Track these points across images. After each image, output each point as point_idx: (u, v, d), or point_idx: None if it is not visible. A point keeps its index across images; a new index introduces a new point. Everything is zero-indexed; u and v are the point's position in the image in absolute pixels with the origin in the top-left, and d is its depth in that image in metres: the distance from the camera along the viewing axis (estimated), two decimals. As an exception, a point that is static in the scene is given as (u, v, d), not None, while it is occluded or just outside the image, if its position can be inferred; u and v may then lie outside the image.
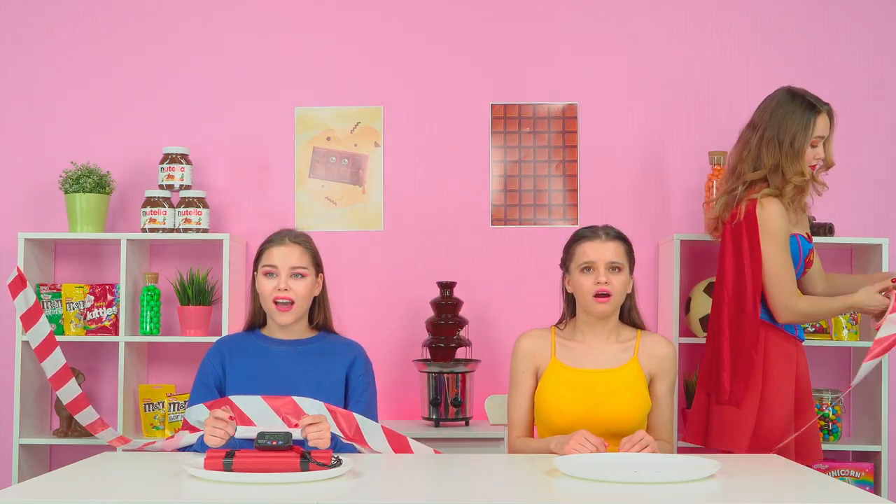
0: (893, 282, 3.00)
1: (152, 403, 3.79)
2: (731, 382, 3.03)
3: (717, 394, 3.06)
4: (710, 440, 3.10)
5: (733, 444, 2.99)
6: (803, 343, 3.14)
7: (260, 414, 2.63)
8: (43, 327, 3.03)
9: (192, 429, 2.71)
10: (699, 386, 3.17)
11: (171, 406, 3.77)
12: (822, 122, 3.06)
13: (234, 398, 2.66)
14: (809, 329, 3.77)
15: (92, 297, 3.77)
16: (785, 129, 3.06)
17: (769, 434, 2.99)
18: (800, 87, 3.14)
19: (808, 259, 3.14)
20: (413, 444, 2.73)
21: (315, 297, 2.81)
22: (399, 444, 2.71)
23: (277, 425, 2.61)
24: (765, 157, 3.07)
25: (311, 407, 2.65)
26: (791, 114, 3.06)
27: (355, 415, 2.68)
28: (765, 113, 3.12)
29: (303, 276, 2.75)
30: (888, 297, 2.96)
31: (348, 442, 2.67)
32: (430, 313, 3.77)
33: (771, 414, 3.00)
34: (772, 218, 3.00)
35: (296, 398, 2.66)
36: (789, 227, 3.05)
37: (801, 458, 3.02)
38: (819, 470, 3.26)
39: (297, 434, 2.43)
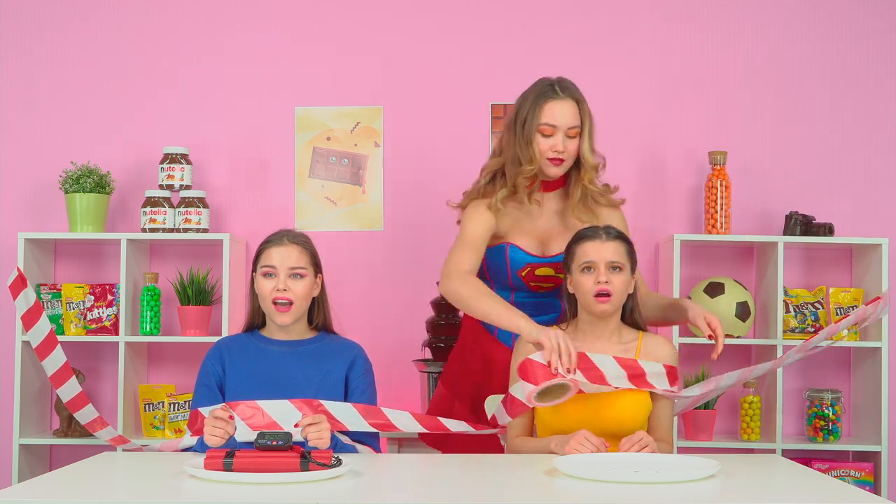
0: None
1: (152, 403, 3.79)
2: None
3: None
4: None
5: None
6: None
7: (288, 418, 2.63)
8: (43, 326, 3.03)
9: (198, 430, 2.70)
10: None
11: (172, 406, 3.77)
12: (549, 110, 2.83)
13: (261, 403, 2.66)
14: (809, 329, 3.76)
15: (92, 297, 3.77)
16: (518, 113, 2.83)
17: None
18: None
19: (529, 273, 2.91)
20: (445, 421, 2.84)
21: (314, 298, 2.81)
22: (431, 424, 2.84)
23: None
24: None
25: (338, 408, 2.67)
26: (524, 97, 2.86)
27: (382, 408, 2.74)
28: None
29: (301, 276, 2.74)
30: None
31: (349, 444, 2.67)
32: (430, 313, 3.76)
33: None
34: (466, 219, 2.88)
35: (323, 402, 2.67)
36: (484, 229, 2.84)
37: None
38: (819, 470, 3.26)
39: (297, 434, 2.43)
